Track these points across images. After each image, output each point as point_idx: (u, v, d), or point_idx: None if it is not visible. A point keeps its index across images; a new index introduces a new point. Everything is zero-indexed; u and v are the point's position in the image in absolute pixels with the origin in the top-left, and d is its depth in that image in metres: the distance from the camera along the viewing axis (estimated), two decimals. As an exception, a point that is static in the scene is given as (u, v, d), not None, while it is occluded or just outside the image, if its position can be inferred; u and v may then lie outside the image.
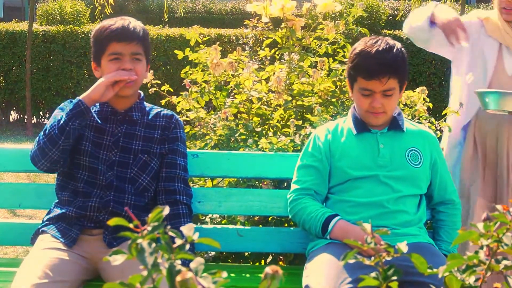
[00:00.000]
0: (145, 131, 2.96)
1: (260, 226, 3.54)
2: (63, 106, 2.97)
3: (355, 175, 2.88)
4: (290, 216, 3.02)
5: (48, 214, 2.96)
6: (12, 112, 12.42)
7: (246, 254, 3.58)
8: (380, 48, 2.84)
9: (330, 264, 2.62)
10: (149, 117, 3.00)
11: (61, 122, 2.77)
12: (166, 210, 1.20)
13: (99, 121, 2.93)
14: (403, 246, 1.46)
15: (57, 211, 2.90)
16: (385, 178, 2.86)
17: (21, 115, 12.17)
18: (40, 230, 2.92)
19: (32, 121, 11.43)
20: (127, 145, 2.92)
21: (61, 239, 2.82)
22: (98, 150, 2.89)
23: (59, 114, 2.86)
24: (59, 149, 2.78)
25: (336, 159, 2.93)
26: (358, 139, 2.94)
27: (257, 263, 3.58)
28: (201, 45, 4.20)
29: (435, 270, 1.44)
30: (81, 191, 2.87)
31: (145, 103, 3.06)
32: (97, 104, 2.94)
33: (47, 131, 2.80)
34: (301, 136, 3.53)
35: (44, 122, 11.65)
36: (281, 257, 3.63)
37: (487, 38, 3.50)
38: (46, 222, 2.92)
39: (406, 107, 4.24)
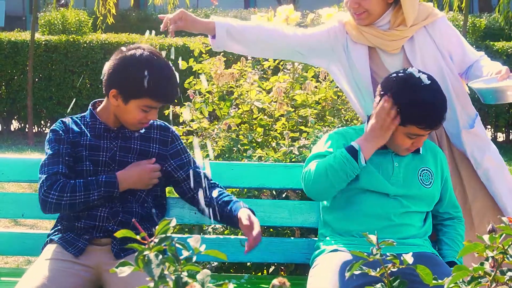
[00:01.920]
0: (140, 144, 2.92)
1: (263, 236, 3.54)
2: (56, 129, 2.90)
3: (366, 187, 2.86)
4: (308, 185, 2.86)
5: (56, 225, 2.96)
6: (13, 121, 12.42)
7: (248, 264, 3.59)
8: (431, 94, 2.78)
9: (335, 271, 2.63)
10: (143, 130, 2.95)
11: (90, 199, 2.77)
12: (173, 222, 1.20)
13: (93, 139, 2.89)
14: (408, 258, 1.46)
15: (65, 221, 2.90)
16: (395, 195, 2.86)
17: (23, 124, 12.16)
18: (49, 239, 2.91)
19: (34, 130, 11.42)
20: (123, 159, 2.89)
21: (68, 249, 2.81)
22: (96, 168, 2.87)
23: (53, 144, 2.85)
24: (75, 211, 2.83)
25: None
26: (374, 155, 2.85)
27: (259, 273, 3.58)
28: (204, 55, 4.21)
29: (440, 281, 1.44)
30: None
31: None
32: (89, 120, 2.92)
33: (68, 196, 2.76)
34: (298, 149, 3.54)
35: (45, 132, 11.65)
36: (282, 267, 3.63)
37: (354, 44, 3.15)
38: (55, 232, 2.91)
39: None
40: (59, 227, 2.91)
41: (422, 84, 2.77)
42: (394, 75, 2.83)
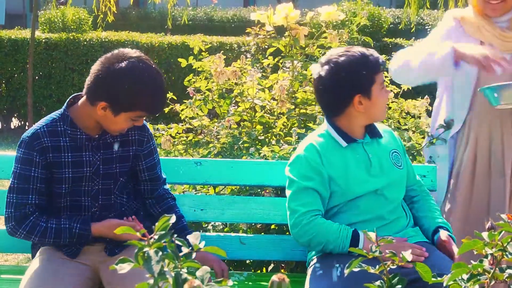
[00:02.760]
0: (121, 151, 2.82)
1: (263, 234, 3.55)
2: (29, 148, 2.69)
3: (357, 193, 2.82)
4: (301, 241, 2.81)
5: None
6: (13, 119, 12.43)
7: (248, 261, 3.59)
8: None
9: (332, 271, 2.64)
10: (122, 133, 2.81)
11: (60, 243, 2.72)
12: (173, 218, 1.21)
13: (75, 154, 2.73)
14: (407, 255, 1.46)
15: None
16: (380, 191, 2.85)
17: (23, 122, 12.17)
18: (38, 247, 2.86)
19: (34, 128, 11.44)
20: (107, 171, 2.80)
21: (63, 250, 2.79)
22: (80, 183, 2.75)
23: (24, 166, 2.68)
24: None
25: (335, 178, 2.82)
26: (348, 152, 2.86)
27: (259, 271, 3.59)
28: (203, 53, 4.21)
29: (439, 278, 1.44)
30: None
31: None
32: (68, 130, 2.72)
33: (36, 239, 2.71)
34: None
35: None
36: (283, 265, 3.63)
37: (467, 38, 3.24)
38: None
39: (408, 115, 4.26)
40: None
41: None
42: None
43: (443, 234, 2.83)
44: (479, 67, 3.03)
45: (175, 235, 1.26)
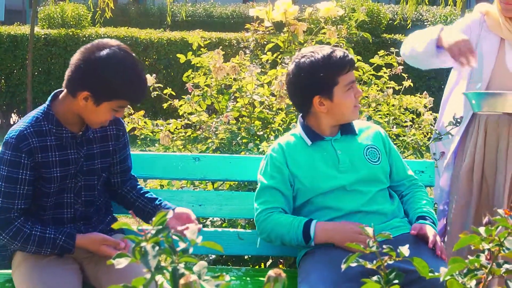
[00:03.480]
0: (101, 147, 2.84)
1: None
2: (16, 150, 2.62)
3: (323, 189, 2.84)
4: (262, 237, 2.93)
5: None
6: (12, 114, 12.43)
7: (246, 257, 3.59)
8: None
9: (320, 270, 2.64)
10: (100, 128, 2.82)
11: (41, 253, 2.67)
12: (170, 214, 1.21)
13: (62, 153, 2.72)
14: (405, 250, 1.46)
15: None
16: (350, 186, 2.85)
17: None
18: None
19: (33, 124, 11.43)
20: (90, 167, 2.80)
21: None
22: (65, 181, 2.74)
23: (10, 169, 2.61)
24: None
25: (299, 176, 2.87)
26: (314, 150, 2.91)
27: (257, 266, 3.59)
28: (202, 49, 4.21)
29: (436, 274, 1.44)
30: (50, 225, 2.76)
31: None
32: (54, 129, 2.69)
33: (18, 245, 2.65)
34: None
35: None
36: (281, 260, 3.63)
37: (488, 33, 3.32)
38: None
39: (407, 111, 4.25)
40: None
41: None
42: None
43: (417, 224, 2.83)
44: (454, 55, 3.07)
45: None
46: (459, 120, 3.37)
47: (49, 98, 2.75)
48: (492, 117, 3.30)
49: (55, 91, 2.79)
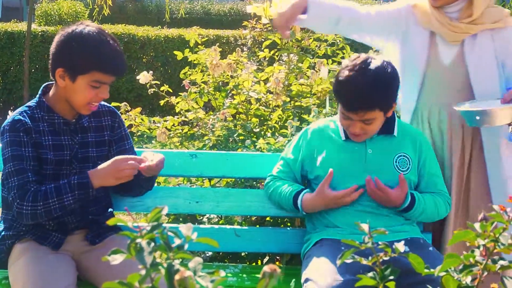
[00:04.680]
0: (96, 136, 2.86)
1: (258, 226, 3.55)
2: (15, 130, 2.70)
3: (340, 186, 2.85)
4: (269, 199, 3.13)
5: (10, 225, 2.84)
6: (9, 111, 12.43)
7: (243, 254, 3.59)
8: (360, 79, 2.74)
9: (326, 262, 2.64)
10: (96, 118, 2.87)
11: (65, 204, 2.64)
12: (165, 210, 1.20)
13: (55, 138, 2.76)
14: (400, 246, 1.46)
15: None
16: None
17: (19, 115, 12.19)
18: (10, 241, 2.81)
19: (30, 121, 11.43)
20: (85, 155, 2.82)
21: (44, 244, 2.76)
22: (60, 167, 2.76)
23: (14, 148, 2.66)
24: (52, 218, 2.70)
25: (321, 163, 2.92)
26: (346, 145, 2.92)
27: (254, 263, 3.59)
28: (199, 46, 4.21)
29: (432, 270, 1.44)
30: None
31: None
32: (46, 115, 2.76)
33: (41, 205, 2.62)
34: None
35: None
36: (278, 257, 3.64)
37: (417, 27, 3.18)
38: (15, 233, 2.81)
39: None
40: (17, 225, 2.82)
41: (356, 71, 2.76)
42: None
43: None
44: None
45: None
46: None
47: (40, 89, 2.83)
48: (433, 113, 3.22)
49: (46, 83, 2.85)
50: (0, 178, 2.82)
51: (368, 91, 2.72)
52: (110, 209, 2.96)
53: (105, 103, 2.94)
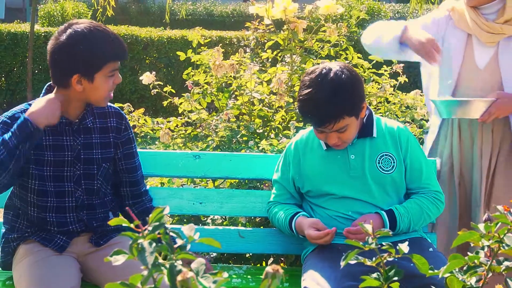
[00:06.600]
0: (100, 137, 2.83)
1: (262, 227, 3.54)
2: (12, 114, 2.72)
3: (330, 192, 2.87)
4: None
5: (12, 227, 2.84)
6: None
7: (247, 255, 3.59)
8: (318, 94, 2.71)
9: (323, 270, 2.63)
10: (101, 119, 2.84)
11: (11, 147, 2.55)
12: (167, 210, 1.20)
13: (56, 138, 2.74)
14: (404, 247, 1.46)
15: (27, 222, 2.81)
16: (358, 195, 2.84)
17: (22, 116, 12.20)
18: (15, 243, 2.81)
19: (34, 122, 11.44)
20: (88, 156, 2.79)
21: (49, 245, 2.76)
22: (62, 168, 2.75)
23: (5, 130, 2.63)
24: (9, 173, 2.60)
25: (307, 177, 2.93)
26: (328, 155, 2.90)
27: (258, 265, 3.58)
28: (202, 47, 4.21)
29: (436, 271, 1.44)
30: (53, 219, 2.77)
31: None
32: None
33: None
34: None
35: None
36: (282, 259, 3.63)
37: (454, 29, 3.24)
38: (20, 235, 2.81)
39: (408, 109, 4.25)
40: (21, 227, 2.82)
41: (313, 88, 2.73)
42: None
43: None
44: (420, 53, 3.06)
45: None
46: (426, 130, 3.37)
47: (44, 88, 2.80)
48: (463, 118, 3.24)
49: (49, 82, 2.81)
50: None
51: (328, 104, 2.70)
52: (117, 212, 2.95)
53: (112, 105, 2.92)
